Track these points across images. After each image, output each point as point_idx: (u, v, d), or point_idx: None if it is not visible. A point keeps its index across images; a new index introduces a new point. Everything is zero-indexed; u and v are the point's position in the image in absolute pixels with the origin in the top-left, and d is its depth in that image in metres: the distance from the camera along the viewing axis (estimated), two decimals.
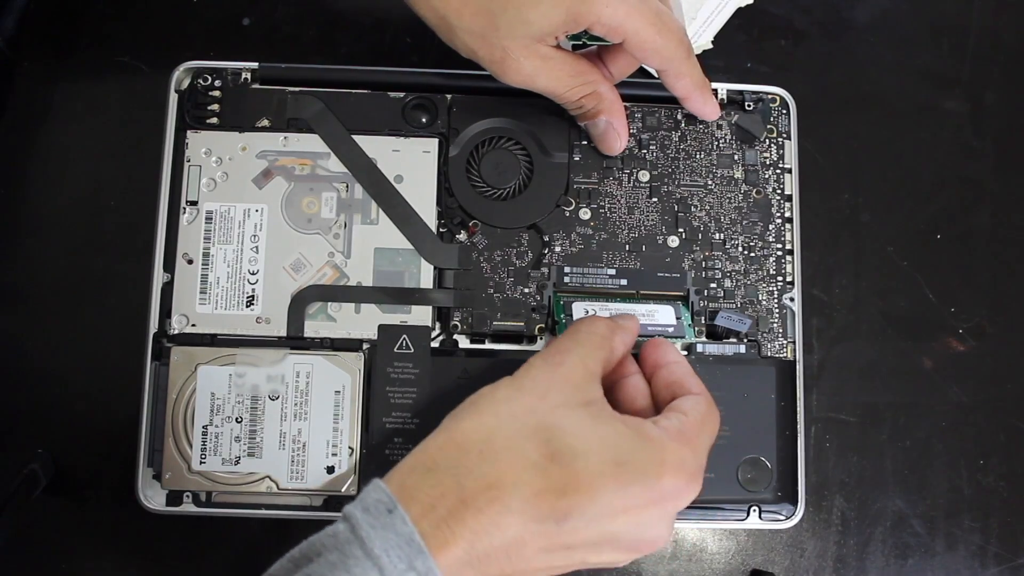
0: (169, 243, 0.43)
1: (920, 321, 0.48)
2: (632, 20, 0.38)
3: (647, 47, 0.39)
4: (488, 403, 0.34)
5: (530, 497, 0.32)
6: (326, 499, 0.42)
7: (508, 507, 0.31)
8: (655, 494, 0.33)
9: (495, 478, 0.32)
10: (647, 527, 0.34)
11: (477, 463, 0.32)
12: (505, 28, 0.37)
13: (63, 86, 0.48)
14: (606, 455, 0.33)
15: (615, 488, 0.33)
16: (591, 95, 0.41)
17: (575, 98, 0.41)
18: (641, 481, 0.33)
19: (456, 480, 0.32)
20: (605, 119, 0.42)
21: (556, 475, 0.32)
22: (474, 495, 0.31)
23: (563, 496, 0.32)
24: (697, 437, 0.35)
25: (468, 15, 0.38)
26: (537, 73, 0.39)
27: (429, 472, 0.32)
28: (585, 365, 0.36)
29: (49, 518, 0.45)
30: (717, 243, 0.44)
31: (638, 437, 0.34)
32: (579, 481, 0.32)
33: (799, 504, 0.43)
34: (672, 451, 0.34)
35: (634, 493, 0.33)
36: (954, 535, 0.46)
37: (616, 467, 0.33)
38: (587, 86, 0.41)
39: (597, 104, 0.41)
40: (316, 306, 0.43)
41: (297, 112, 0.44)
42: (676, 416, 0.35)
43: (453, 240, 0.44)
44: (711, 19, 0.48)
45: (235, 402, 0.41)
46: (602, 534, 0.33)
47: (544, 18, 0.37)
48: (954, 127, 0.50)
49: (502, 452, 0.32)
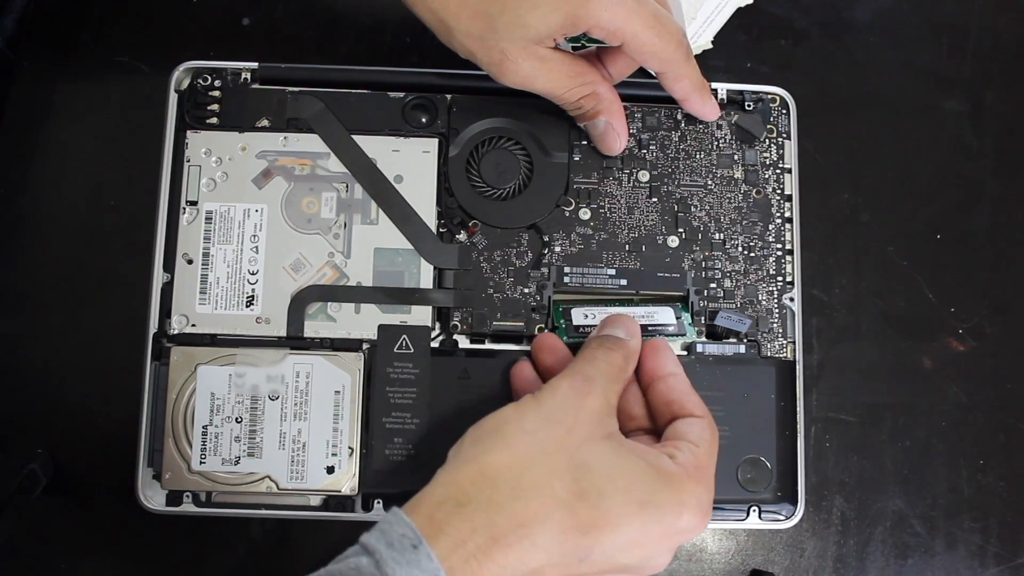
0: (169, 243, 0.43)
1: (920, 321, 0.48)
2: (631, 23, 0.38)
3: (646, 50, 0.39)
4: (517, 435, 0.34)
5: (557, 534, 0.32)
6: (326, 499, 0.42)
7: (536, 544, 0.32)
8: (672, 531, 0.34)
9: (526, 516, 0.32)
10: (655, 557, 0.35)
11: (509, 500, 0.32)
12: (503, 30, 0.38)
13: (63, 86, 0.48)
14: (631, 496, 0.34)
15: (637, 527, 0.34)
16: (590, 96, 0.41)
17: (574, 99, 0.41)
18: (661, 520, 0.34)
19: (488, 517, 0.32)
20: (604, 119, 0.42)
21: (583, 514, 0.33)
22: (505, 532, 0.32)
23: (587, 534, 0.33)
24: (709, 470, 0.36)
25: (466, 18, 0.38)
26: (535, 74, 0.39)
27: (460, 507, 0.32)
28: (607, 397, 0.37)
29: (49, 518, 0.45)
30: (717, 243, 0.44)
31: (659, 477, 0.35)
32: (604, 521, 0.33)
33: (799, 504, 0.43)
34: (691, 491, 0.35)
35: (653, 531, 0.34)
36: (954, 535, 0.46)
37: (640, 507, 0.34)
38: (586, 87, 0.41)
39: (596, 105, 0.41)
40: (316, 306, 0.43)
41: (297, 112, 0.44)
42: (689, 449, 0.36)
43: (453, 240, 0.44)
44: (711, 19, 0.48)
45: (235, 402, 0.41)
46: (614, 566, 0.34)
47: (542, 21, 0.37)
48: (954, 127, 0.50)
49: (532, 490, 0.33)
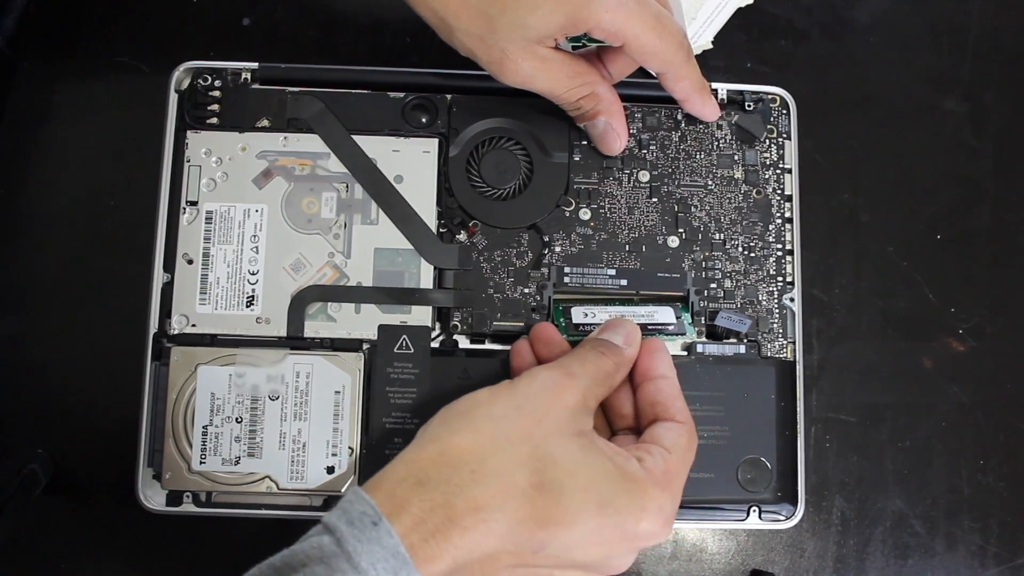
0: (169, 243, 0.43)
1: (920, 321, 0.48)
2: (632, 24, 0.38)
3: (647, 50, 0.39)
4: (484, 420, 0.35)
5: (513, 523, 0.32)
6: (326, 499, 0.42)
7: (491, 529, 0.32)
8: (630, 535, 0.34)
9: (484, 501, 0.32)
10: (614, 559, 0.35)
11: (468, 483, 0.33)
12: (504, 31, 0.38)
13: (63, 86, 0.48)
14: (591, 495, 0.34)
15: (594, 526, 0.33)
16: (589, 96, 0.41)
17: (573, 99, 0.41)
18: (619, 524, 0.34)
19: (446, 498, 0.32)
20: (604, 119, 0.42)
21: (541, 506, 0.33)
22: (462, 515, 0.32)
23: (544, 527, 0.33)
24: (677, 478, 0.36)
25: (466, 17, 0.38)
26: (535, 74, 0.39)
27: (420, 485, 0.32)
28: (585, 397, 0.37)
29: (49, 518, 0.45)
30: (717, 243, 0.44)
31: (623, 479, 0.34)
32: (562, 515, 0.33)
33: (799, 504, 0.43)
34: (653, 498, 0.34)
35: (610, 533, 0.34)
36: (954, 535, 0.46)
37: (599, 507, 0.33)
38: (585, 87, 0.41)
39: (596, 105, 0.41)
40: (316, 306, 0.43)
41: (297, 112, 0.44)
42: (660, 454, 0.36)
43: (453, 240, 0.44)
44: (711, 19, 0.49)
45: (235, 402, 0.41)
46: (571, 562, 0.34)
47: (543, 22, 0.37)
48: (954, 127, 0.50)
49: (493, 476, 0.33)
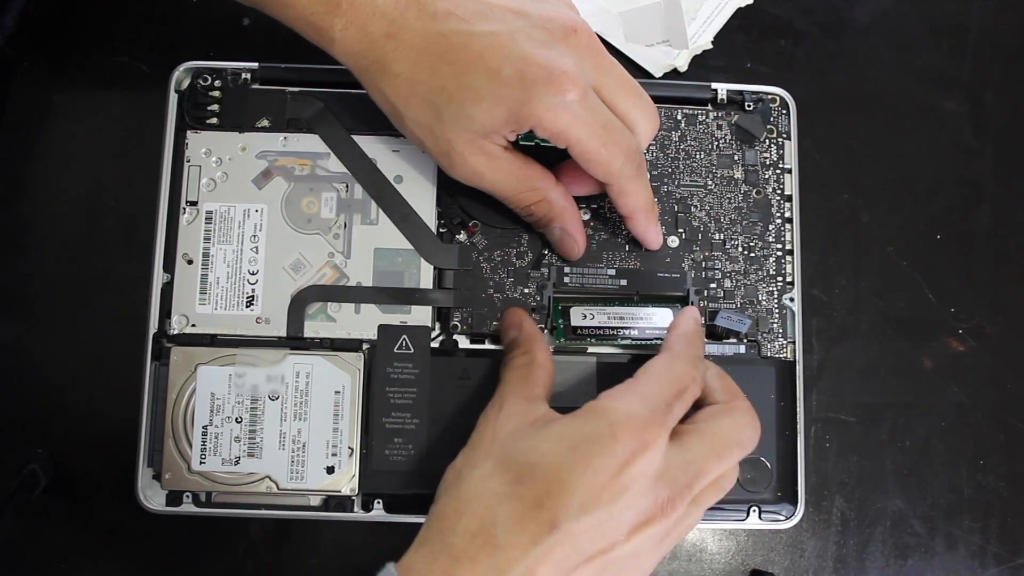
0: (169, 243, 0.43)
1: (920, 321, 0.48)
2: (575, 129, 0.36)
3: (591, 158, 0.37)
4: (451, 473, 0.35)
5: (513, 526, 0.32)
6: (326, 499, 0.42)
7: (497, 545, 0.31)
8: (620, 455, 0.33)
9: (476, 526, 0.32)
10: (637, 495, 0.33)
11: (456, 520, 0.33)
12: (449, 122, 0.37)
13: (63, 86, 0.48)
14: (559, 448, 0.33)
15: (581, 471, 0.32)
16: (541, 203, 0.40)
17: (523, 204, 0.40)
18: (599, 451, 0.33)
19: (443, 542, 0.32)
20: (559, 227, 0.41)
21: (526, 493, 0.32)
22: (463, 548, 0.32)
23: (542, 508, 0.32)
24: (647, 386, 0.35)
25: (415, 106, 0.37)
26: (483, 171, 0.38)
27: (420, 546, 0.33)
28: (520, 395, 0.37)
29: (49, 518, 0.45)
30: (717, 243, 0.44)
31: (582, 417, 0.34)
32: (549, 485, 0.32)
33: (799, 504, 0.43)
34: (617, 409, 0.34)
35: (600, 466, 0.32)
36: (954, 535, 0.46)
37: (572, 452, 0.33)
38: (535, 192, 0.40)
39: (548, 212, 0.40)
40: (316, 306, 0.43)
41: (297, 112, 0.44)
42: (624, 382, 0.35)
43: (453, 240, 0.44)
44: (711, 19, 0.49)
45: (235, 402, 0.41)
46: (601, 524, 0.32)
47: (486, 114, 0.36)
48: (954, 127, 0.50)
49: (472, 501, 0.33)
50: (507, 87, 0.36)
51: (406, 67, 0.37)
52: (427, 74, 0.36)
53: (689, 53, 0.48)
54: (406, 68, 0.37)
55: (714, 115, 0.45)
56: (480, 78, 0.36)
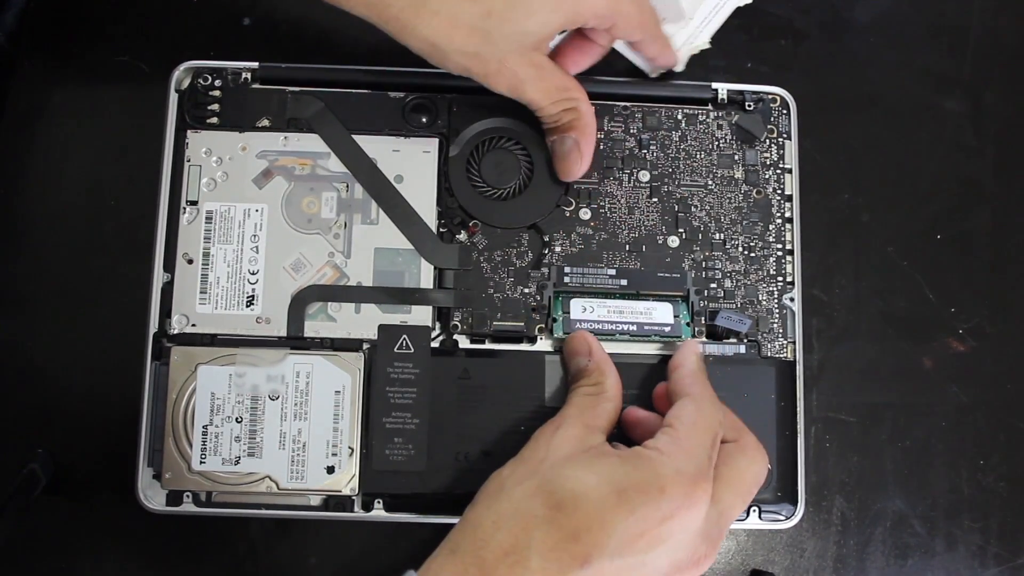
0: (169, 243, 0.43)
1: (920, 321, 0.48)
2: (624, 6, 0.39)
3: (632, 23, 0.40)
4: (494, 481, 0.35)
5: (547, 552, 0.32)
6: (326, 499, 0.42)
7: (528, 568, 0.32)
8: (665, 509, 0.34)
9: (510, 544, 0.32)
10: (675, 548, 0.34)
11: (492, 534, 0.33)
12: (502, 42, 0.38)
13: (63, 86, 0.48)
14: (605, 489, 0.33)
15: (624, 516, 0.33)
16: (571, 110, 0.41)
17: (556, 110, 0.41)
18: (645, 501, 0.33)
19: (475, 554, 0.32)
20: (574, 137, 0.42)
21: (565, 523, 0.33)
22: (494, 565, 0.32)
23: (577, 541, 0.32)
24: (689, 440, 0.36)
25: (460, 38, 0.38)
26: (528, 80, 0.39)
27: (452, 554, 0.33)
28: (582, 421, 0.37)
29: (49, 518, 0.45)
30: (717, 243, 0.44)
31: (632, 462, 0.34)
32: (589, 521, 0.33)
33: (799, 504, 0.43)
34: (665, 463, 0.34)
35: (644, 515, 0.33)
36: (954, 535, 0.46)
37: (618, 496, 0.33)
38: (570, 101, 0.41)
39: (574, 119, 0.42)
40: (316, 306, 0.43)
41: (297, 112, 0.44)
42: (665, 431, 0.36)
43: (453, 240, 0.44)
44: (709, 19, 0.48)
45: (235, 402, 0.41)
46: (630, 566, 0.33)
47: (542, 25, 0.38)
48: (954, 127, 0.50)
49: (511, 518, 0.33)
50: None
51: (444, 3, 0.37)
52: (469, 3, 0.37)
53: (687, 52, 0.48)
54: (444, 4, 0.37)
55: (714, 115, 0.45)
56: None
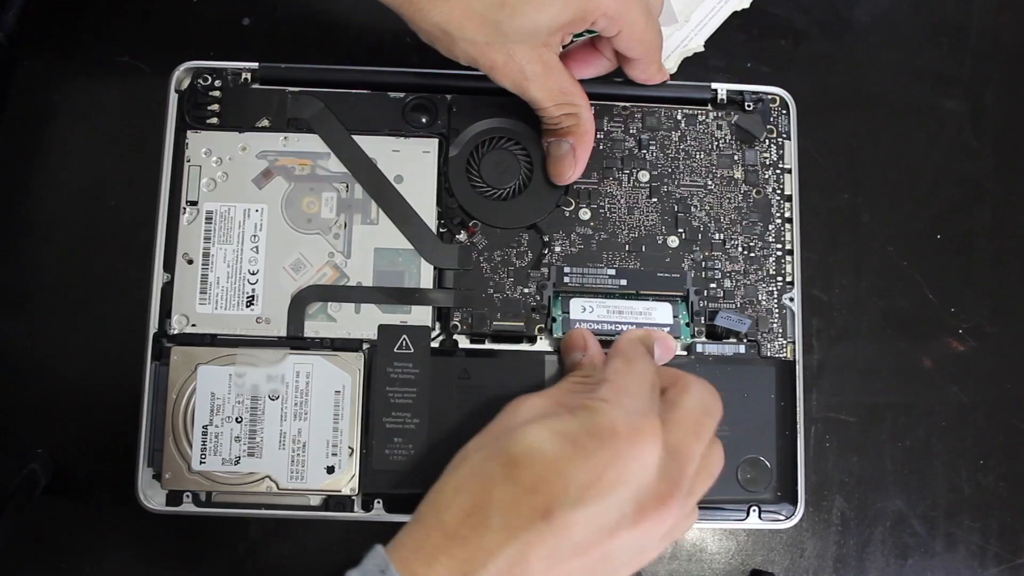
0: (169, 243, 0.43)
1: (920, 321, 0.48)
2: (631, 11, 0.39)
3: (636, 37, 0.40)
4: (460, 453, 0.36)
5: (507, 508, 0.32)
6: (326, 499, 0.42)
7: (489, 527, 0.32)
8: (618, 448, 0.33)
9: (470, 505, 0.32)
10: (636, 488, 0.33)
11: (452, 498, 0.33)
12: (512, 34, 0.38)
13: (63, 86, 0.48)
14: (559, 440, 0.33)
15: (580, 463, 0.33)
16: (572, 115, 0.41)
17: (557, 113, 0.41)
18: (598, 446, 0.33)
19: (437, 518, 0.33)
20: (571, 143, 0.42)
21: (521, 477, 0.32)
22: (456, 527, 0.32)
23: (536, 493, 0.32)
24: (627, 386, 0.36)
25: (471, 27, 0.38)
26: (534, 78, 0.39)
27: (416, 522, 0.33)
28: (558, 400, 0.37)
29: (49, 518, 0.45)
30: (717, 243, 0.44)
31: (579, 414, 0.34)
32: (544, 472, 0.32)
33: (799, 504, 0.43)
34: (612, 409, 0.34)
35: (598, 459, 0.33)
36: (954, 535, 0.46)
37: (573, 445, 0.33)
38: (572, 106, 0.41)
39: (573, 125, 0.42)
40: (316, 306, 0.43)
41: (297, 112, 0.44)
42: (603, 384, 0.36)
43: (453, 240, 0.44)
44: (704, 22, 0.48)
45: (235, 402, 0.41)
46: (597, 515, 0.32)
47: (553, 20, 0.38)
48: (954, 127, 0.50)
49: (470, 481, 0.33)
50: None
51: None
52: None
53: (680, 55, 0.48)
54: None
55: (714, 115, 0.45)
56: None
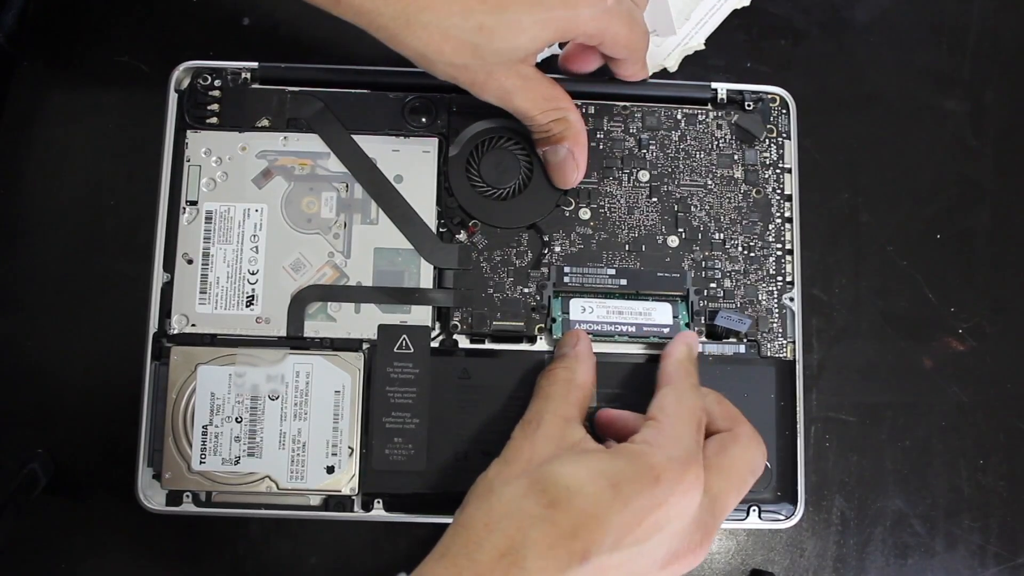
0: (169, 243, 0.43)
1: (920, 321, 0.48)
2: (613, 27, 0.39)
3: (620, 43, 0.40)
4: (482, 484, 0.35)
5: (544, 550, 0.32)
6: (326, 499, 0.42)
7: (525, 568, 0.31)
8: (659, 497, 0.33)
9: (505, 545, 0.32)
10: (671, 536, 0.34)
11: (485, 536, 0.32)
12: (491, 55, 0.37)
13: (63, 86, 0.48)
14: (600, 483, 0.33)
15: (620, 508, 0.33)
16: (560, 120, 0.41)
17: (545, 121, 0.41)
18: (639, 491, 0.33)
19: (469, 557, 0.32)
20: (567, 147, 0.42)
21: (561, 520, 0.32)
22: (489, 567, 0.31)
23: (575, 538, 0.32)
24: (673, 428, 0.36)
25: (449, 50, 0.37)
26: (516, 91, 0.39)
27: (443, 558, 0.32)
28: (559, 415, 0.37)
29: (49, 518, 0.45)
30: (717, 243, 0.44)
31: (623, 456, 0.34)
32: (585, 517, 0.32)
33: (799, 504, 0.43)
34: (655, 453, 0.34)
35: (639, 506, 0.33)
36: (954, 535, 0.46)
37: (613, 489, 0.33)
38: (558, 111, 0.41)
39: (564, 130, 0.42)
40: (316, 306, 0.43)
41: (297, 112, 0.44)
42: (649, 424, 0.36)
43: (453, 240, 0.44)
44: (705, 20, 0.48)
45: (235, 402, 0.41)
46: (632, 560, 0.33)
47: (532, 42, 0.37)
48: (954, 127, 0.50)
49: (504, 519, 0.33)
50: (551, 10, 0.37)
51: (435, 16, 0.36)
52: (460, 18, 0.36)
53: (680, 53, 0.48)
54: (435, 17, 0.36)
55: (714, 115, 0.45)
56: (520, 10, 0.37)
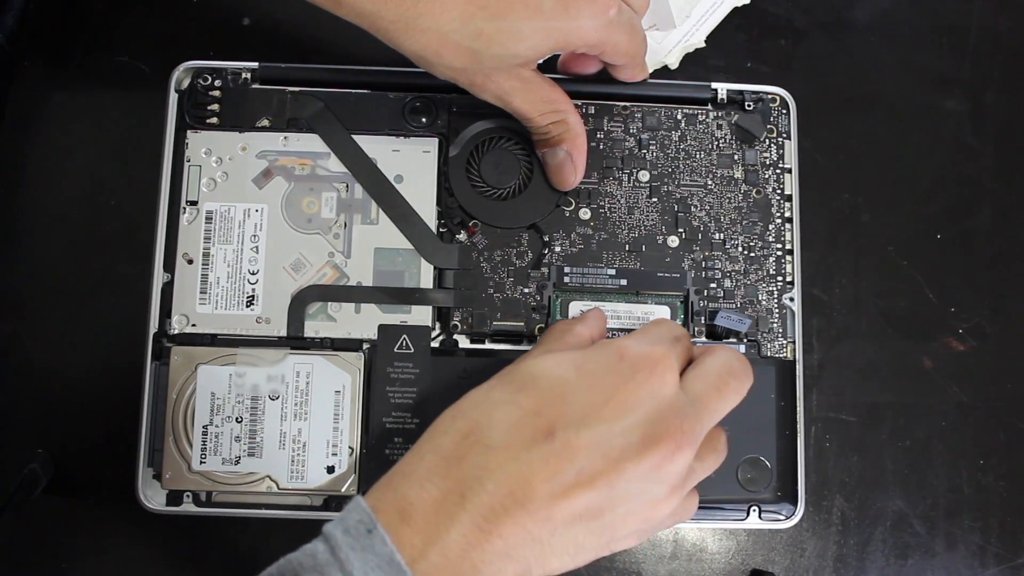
0: (169, 243, 0.43)
1: (920, 321, 0.48)
2: (613, 37, 0.39)
3: (620, 51, 0.40)
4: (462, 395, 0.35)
5: (508, 428, 0.31)
6: (326, 499, 0.42)
7: (488, 446, 0.31)
8: (625, 374, 0.33)
9: (468, 427, 0.32)
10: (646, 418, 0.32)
11: (450, 423, 0.33)
12: (490, 61, 0.38)
13: (63, 86, 0.48)
14: (566, 366, 0.33)
15: (585, 387, 0.32)
16: (560, 123, 0.41)
17: (544, 123, 0.41)
18: (606, 371, 0.33)
19: (432, 442, 0.32)
20: (565, 149, 0.42)
21: (524, 401, 0.32)
22: (452, 448, 0.31)
23: (539, 415, 0.32)
24: (647, 331, 0.36)
25: (449, 55, 0.37)
26: (515, 93, 0.40)
27: (410, 452, 0.33)
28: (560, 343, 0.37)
29: (49, 518, 0.45)
30: (717, 243, 0.44)
31: (594, 347, 0.35)
32: (549, 395, 0.32)
33: (799, 504, 0.43)
34: (626, 343, 0.34)
35: (605, 383, 0.32)
36: (954, 535, 0.46)
37: (579, 370, 0.33)
38: (558, 114, 0.41)
39: (563, 132, 0.42)
40: (316, 306, 0.43)
41: (297, 112, 0.44)
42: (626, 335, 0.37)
43: (453, 240, 0.44)
44: (705, 18, 0.48)
45: (235, 402, 0.41)
46: (601, 441, 0.31)
47: (531, 50, 0.38)
48: (954, 127, 0.50)
49: (471, 407, 0.33)
50: (552, 20, 0.37)
51: (434, 21, 0.36)
52: (459, 23, 0.36)
53: (681, 50, 0.48)
54: (434, 22, 0.36)
55: (714, 115, 0.45)
56: (520, 18, 0.37)
